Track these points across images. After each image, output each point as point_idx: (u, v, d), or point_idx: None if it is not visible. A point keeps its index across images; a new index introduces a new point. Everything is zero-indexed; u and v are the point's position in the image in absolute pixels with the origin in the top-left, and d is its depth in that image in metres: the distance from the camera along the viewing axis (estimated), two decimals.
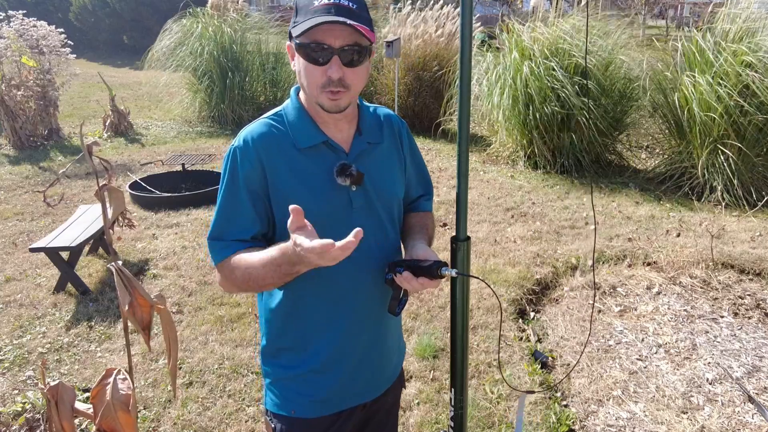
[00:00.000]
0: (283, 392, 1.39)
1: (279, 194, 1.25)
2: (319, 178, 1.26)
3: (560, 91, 6.08)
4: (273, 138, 1.26)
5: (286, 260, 1.14)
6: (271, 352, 1.41)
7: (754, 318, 3.44)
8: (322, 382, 1.37)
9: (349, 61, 1.18)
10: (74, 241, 3.82)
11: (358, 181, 1.26)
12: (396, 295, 1.29)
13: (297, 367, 1.37)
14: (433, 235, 1.51)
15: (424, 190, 1.55)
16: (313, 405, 1.38)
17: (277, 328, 1.38)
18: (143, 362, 3.07)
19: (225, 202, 1.27)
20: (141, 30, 21.29)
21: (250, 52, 9.38)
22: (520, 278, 3.94)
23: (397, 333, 1.54)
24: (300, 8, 1.21)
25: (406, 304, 1.29)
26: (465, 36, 1.32)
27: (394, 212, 1.40)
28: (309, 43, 1.17)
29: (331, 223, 1.25)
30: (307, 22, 1.16)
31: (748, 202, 5.29)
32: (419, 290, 1.22)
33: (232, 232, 1.27)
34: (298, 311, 1.32)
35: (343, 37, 1.17)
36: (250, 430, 2.59)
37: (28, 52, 7.97)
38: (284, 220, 1.23)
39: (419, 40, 8.31)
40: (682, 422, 2.59)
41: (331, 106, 1.22)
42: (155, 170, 6.68)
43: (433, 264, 1.21)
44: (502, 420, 2.63)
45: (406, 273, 1.22)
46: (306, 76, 1.21)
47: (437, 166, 6.92)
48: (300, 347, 1.36)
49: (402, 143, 1.44)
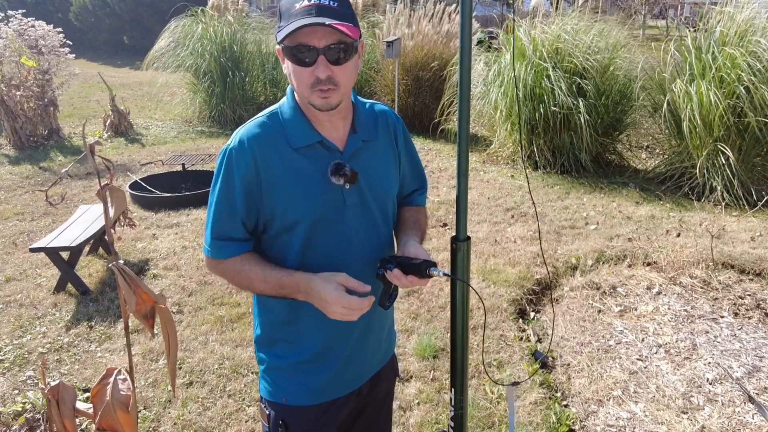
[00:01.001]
0: (276, 380, 1.43)
1: (273, 193, 1.27)
2: (313, 177, 1.28)
3: (558, 91, 6.08)
4: (268, 138, 1.28)
5: (293, 290, 1.25)
6: (265, 342, 1.44)
7: (754, 318, 3.45)
8: (315, 372, 1.40)
9: (335, 59, 1.20)
10: (74, 241, 3.82)
11: (352, 180, 1.29)
12: (386, 290, 1.33)
13: (291, 357, 1.40)
14: (426, 229, 1.54)
15: (418, 185, 1.57)
16: (305, 394, 1.41)
17: (271, 320, 1.41)
18: (143, 362, 3.07)
19: (222, 200, 1.29)
20: (141, 30, 21.29)
21: (251, 52, 9.38)
22: (520, 278, 3.94)
23: (388, 322, 1.56)
24: (283, 12, 1.23)
25: (396, 298, 1.34)
26: (465, 36, 1.32)
27: (387, 209, 1.43)
28: (294, 46, 1.20)
29: (325, 221, 1.30)
30: (289, 26, 1.18)
31: (748, 202, 5.29)
32: (408, 287, 1.28)
33: (233, 230, 1.30)
34: (292, 305, 1.35)
35: (327, 36, 1.18)
36: (250, 430, 2.59)
37: (27, 52, 7.97)
38: (277, 219, 1.30)
39: (412, 41, 8.30)
40: (682, 422, 2.59)
41: (322, 104, 1.24)
42: (155, 170, 6.68)
43: (423, 263, 1.25)
44: (502, 420, 2.62)
45: (396, 270, 1.26)
46: (295, 78, 1.24)
47: (437, 166, 6.91)
48: (294, 339, 1.39)
49: (397, 139, 1.45)
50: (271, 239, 1.34)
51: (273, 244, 1.34)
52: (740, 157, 5.48)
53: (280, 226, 1.30)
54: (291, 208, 1.28)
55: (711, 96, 5.36)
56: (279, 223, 1.30)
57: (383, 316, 1.49)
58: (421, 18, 8.49)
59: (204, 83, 9.20)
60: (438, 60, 8.28)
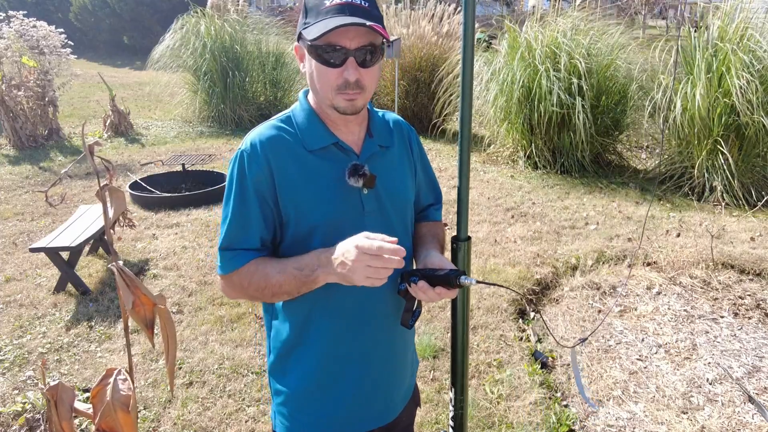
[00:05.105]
0: (293, 413, 1.33)
1: (288, 197, 1.20)
2: (329, 180, 1.22)
3: (557, 91, 6.07)
4: (282, 140, 1.22)
5: (313, 265, 1.15)
6: (280, 369, 1.35)
7: (754, 318, 3.44)
8: (336, 401, 1.31)
9: (363, 61, 1.15)
10: (74, 241, 3.82)
11: (371, 183, 1.22)
12: (409, 307, 1.22)
13: (308, 384, 1.31)
14: (444, 244, 1.46)
15: (434, 199, 1.50)
16: (326, 428, 1.32)
17: (286, 343, 1.32)
18: (143, 362, 3.07)
19: (236, 209, 1.21)
20: (141, 30, 21.29)
21: (251, 52, 9.38)
22: (520, 278, 3.94)
23: (411, 347, 1.48)
24: (310, 8, 1.17)
25: (419, 316, 1.23)
26: (467, 36, 1.32)
27: (407, 217, 1.35)
28: (322, 45, 1.13)
29: (342, 228, 1.21)
30: (321, 24, 1.12)
31: (748, 202, 5.29)
32: (435, 301, 1.16)
33: (245, 241, 1.22)
34: (308, 328, 1.28)
35: (359, 38, 1.13)
36: (250, 430, 2.59)
37: (28, 53, 7.97)
38: (293, 224, 1.22)
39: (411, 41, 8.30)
40: (682, 422, 2.59)
41: (347, 108, 1.18)
42: (155, 170, 6.68)
43: (450, 272, 1.14)
44: (502, 420, 2.63)
45: (422, 283, 1.15)
46: (319, 79, 1.17)
47: (437, 167, 6.92)
48: (311, 362, 1.30)
49: (412, 149, 1.40)
50: (286, 249, 1.25)
51: (287, 253, 1.24)
52: (740, 157, 5.48)
53: (295, 234, 1.22)
54: (307, 213, 1.21)
55: (710, 95, 5.36)
56: (294, 230, 1.22)
57: (405, 338, 1.40)
58: (421, 18, 8.49)
59: (204, 83, 9.20)
60: (438, 60, 8.28)
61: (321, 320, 1.27)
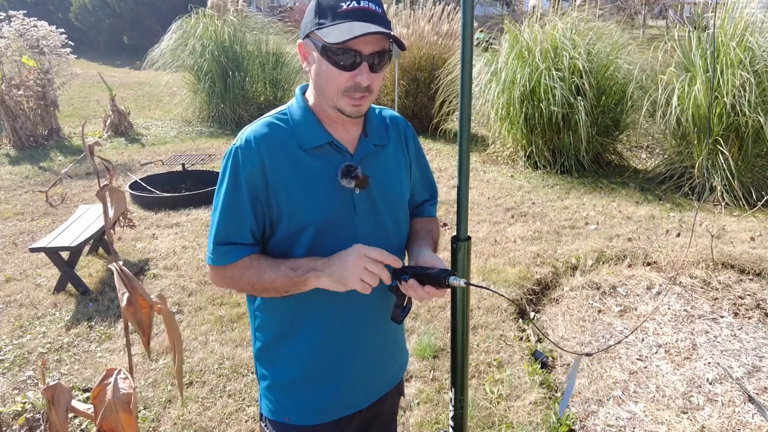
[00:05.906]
0: (278, 398, 1.36)
1: (280, 195, 1.21)
2: (322, 179, 1.23)
3: (557, 91, 6.07)
4: (276, 138, 1.22)
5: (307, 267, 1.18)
6: (266, 357, 1.37)
7: (754, 318, 3.45)
8: (321, 391, 1.34)
9: (373, 65, 1.17)
10: (74, 241, 3.82)
11: (363, 184, 1.23)
12: (399, 303, 1.24)
13: (293, 373, 1.34)
14: (438, 240, 1.47)
15: (429, 195, 1.52)
16: (309, 413, 1.35)
17: (271, 333, 1.34)
18: (143, 362, 3.07)
19: (227, 204, 1.23)
20: (141, 30, 21.28)
21: (251, 52, 9.38)
22: (520, 278, 3.94)
23: (400, 341, 1.51)
24: (324, 8, 1.16)
25: (409, 311, 1.25)
26: (466, 36, 1.32)
27: (399, 217, 1.37)
28: (338, 48, 1.14)
29: (333, 227, 1.23)
30: (343, 27, 1.12)
31: (748, 202, 5.29)
32: (425, 299, 1.18)
33: (238, 235, 1.23)
34: (297, 320, 1.30)
35: (373, 43, 1.15)
36: (250, 430, 2.59)
37: (29, 52, 7.97)
38: (285, 221, 1.23)
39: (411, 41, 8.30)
40: (682, 422, 2.59)
41: (353, 112, 1.20)
42: (155, 170, 6.68)
43: (440, 272, 1.16)
44: (502, 420, 2.63)
45: (412, 281, 1.17)
46: (327, 80, 1.18)
47: (437, 166, 6.92)
48: (296, 354, 1.32)
49: (408, 146, 1.41)
50: (275, 245, 1.26)
51: (276, 250, 1.26)
52: (740, 156, 5.48)
53: (286, 231, 1.23)
54: (299, 212, 1.22)
55: (710, 95, 5.36)
56: (285, 228, 1.23)
57: (393, 332, 1.43)
58: (420, 18, 8.49)
59: (204, 83, 9.20)
60: (438, 60, 8.28)
61: (310, 313, 1.29)
